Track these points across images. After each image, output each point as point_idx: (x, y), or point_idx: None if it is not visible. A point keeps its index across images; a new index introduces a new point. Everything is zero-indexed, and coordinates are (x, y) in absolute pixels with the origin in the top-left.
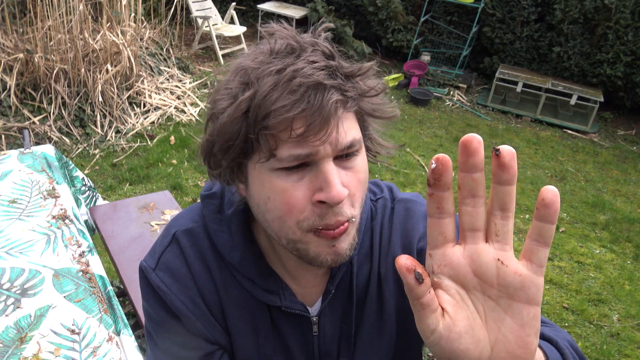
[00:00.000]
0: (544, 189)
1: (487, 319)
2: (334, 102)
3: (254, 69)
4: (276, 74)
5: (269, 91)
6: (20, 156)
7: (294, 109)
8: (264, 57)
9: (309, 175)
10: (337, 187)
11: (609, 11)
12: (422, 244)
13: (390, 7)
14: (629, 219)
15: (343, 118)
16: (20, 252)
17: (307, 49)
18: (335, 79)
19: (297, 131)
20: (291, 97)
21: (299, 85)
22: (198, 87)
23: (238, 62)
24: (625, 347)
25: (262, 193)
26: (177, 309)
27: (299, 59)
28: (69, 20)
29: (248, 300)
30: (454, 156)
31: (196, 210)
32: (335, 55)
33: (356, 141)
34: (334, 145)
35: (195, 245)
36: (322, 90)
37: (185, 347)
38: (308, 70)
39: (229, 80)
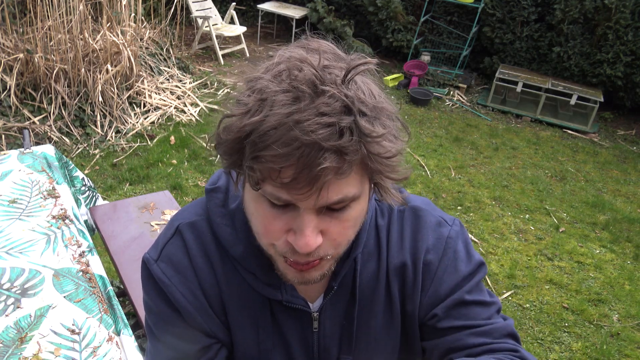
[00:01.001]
0: None
1: None
2: (323, 169)
3: (271, 94)
4: (281, 116)
5: (267, 131)
6: (20, 156)
7: (281, 162)
8: (283, 85)
9: (290, 215)
10: (307, 239)
11: (609, 11)
12: (429, 257)
13: (390, 7)
14: (629, 219)
15: (335, 180)
16: (21, 252)
17: (324, 95)
18: (338, 139)
19: (283, 180)
20: (281, 150)
21: (294, 139)
22: (198, 87)
23: (261, 77)
24: (625, 347)
25: (249, 206)
26: (177, 301)
27: (310, 106)
28: (69, 20)
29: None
30: (454, 156)
31: (200, 204)
32: (353, 110)
33: (347, 198)
34: (316, 201)
35: (198, 238)
36: (316, 150)
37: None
38: (310, 125)
39: (248, 92)
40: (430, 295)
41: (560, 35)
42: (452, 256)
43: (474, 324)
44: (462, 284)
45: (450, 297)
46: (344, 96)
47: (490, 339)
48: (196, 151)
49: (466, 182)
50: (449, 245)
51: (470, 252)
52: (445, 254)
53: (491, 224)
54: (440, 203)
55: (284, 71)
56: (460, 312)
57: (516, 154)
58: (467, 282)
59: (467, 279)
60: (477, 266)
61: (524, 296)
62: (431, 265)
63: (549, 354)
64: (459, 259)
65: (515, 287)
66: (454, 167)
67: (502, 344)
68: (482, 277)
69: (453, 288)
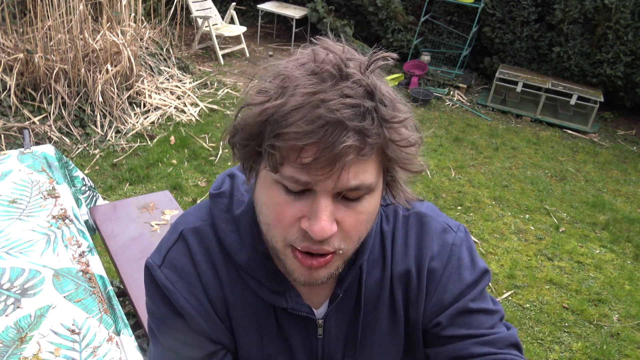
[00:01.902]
0: None
1: None
2: (347, 147)
3: (294, 78)
4: (305, 95)
5: (290, 111)
6: (20, 156)
7: (304, 139)
8: (307, 70)
9: (306, 201)
10: (322, 224)
11: (609, 11)
12: (434, 264)
13: (390, 7)
14: (629, 219)
15: (356, 162)
16: (20, 252)
17: (348, 79)
18: (361, 121)
19: (304, 159)
20: (305, 127)
21: (318, 117)
22: (198, 87)
23: (285, 65)
24: (625, 347)
25: (261, 197)
26: (181, 307)
27: (335, 87)
28: (69, 20)
29: (254, 300)
30: (454, 156)
31: (204, 208)
32: (375, 94)
33: (364, 186)
34: (336, 184)
35: (202, 243)
36: (340, 129)
37: (188, 345)
38: (336, 104)
39: (270, 78)
40: (434, 303)
41: (560, 35)
42: (457, 264)
43: (478, 333)
44: (466, 292)
45: (454, 305)
46: (367, 83)
47: (494, 348)
48: (196, 151)
49: (466, 182)
50: (453, 252)
51: (474, 259)
52: (450, 262)
53: (491, 224)
54: (440, 203)
55: (308, 59)
56: (464, 321)
57: (516, 154)
58: (471, 290)
59: (471, 287)
60: (481, 274)
61: (524, 296)
62: (435, 272)
63: (549, 354)
64: (463, 266)
65: (515, 287)
66: (454, 167)
67: (505, 355)
68: (486, 284)
69: (457, 296)
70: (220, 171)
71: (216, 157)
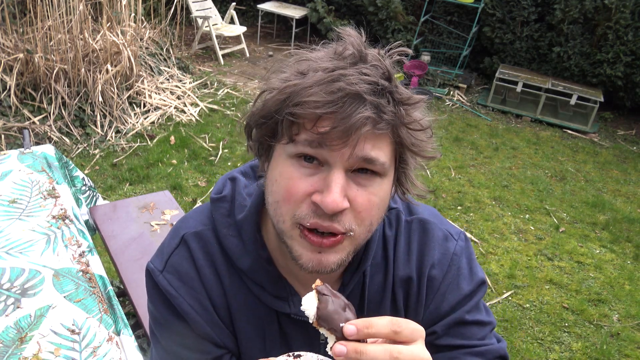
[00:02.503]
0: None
1: None
2: (364, 117)
3: (312, 62)
4: (325, 71)
5: (311, 83)
6: (20, 156)
7: (323, 108)
8: (326, 55)
9: (319, 175)
10: (334, 196)
11: (609, 11)
12: (434, 272)
13: (390, 7)
14: (629, 219)
15: (371, 136)
16: (20, 252)
17: (367, 61)
18: (378, 97)
19: (320, 129)
20: (326, 97)
21: (338, 89)
22: (198, 87)
23: (303, 52)
24: (625, 347)
25: (274, 174)
26: (185, 312)
27: (354, 66)
28: (69, 20)
29: (256, 305)
30: (454, 156)
31: (205, 212)
32: (392, 77)
33: (378, 162)
34: (349, 155)
35: (204, 248)
36: (358, 101)
37: (193, 349)
38: (354, 79)
39: (288, 66)
40: (431, 311)
41: (560, 35)
42: (456, 273)
43: (470, 343)
44: (463, 302)
45: (451, 315)
46: (385, 66)
47: (484, 359)
48: (196, 151)
49: (466, 182)
50: (453, 261)
51: (473, 269)
52: (449, 271)
53: (491, 224)
54: (440, 203)
55: (331, 45)
56: (459, 332)
57: (516, 154)
58: (468, 301)
59: (468, 298)
60: (478, 285)
61: (524, 296)
62: (435, 281)
63: (549, 354)
64: (461, 276)
65: (515, 287)
66: (454, 167)
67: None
68: (482, 295)
69: (454, 306)
70: (221, 171)
71: (216, 157)
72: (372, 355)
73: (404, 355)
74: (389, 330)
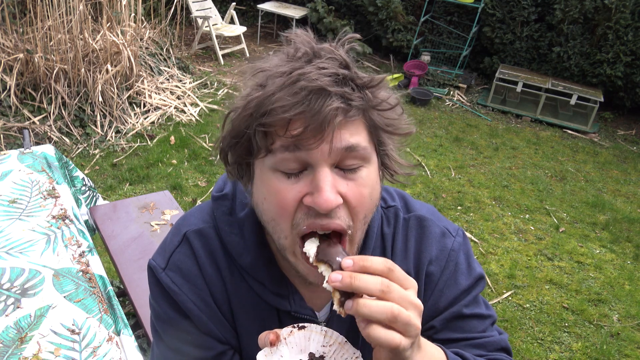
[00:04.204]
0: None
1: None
2: (334, 109)
3: (268, 71)
4: (283, 75)
5: (273, 90)
6: (20, 156)
7: (291, 110)
8: (280, 60)
9: (304, 179)
10: (327, 194)
11: (609, 11)
12: (432, 268)
13: (390, 7)
14: (629, 219)
15: (345, 125)
16: (20, 252)
17: (321, 56)
18: (341, 87)
19: (293, 132)
20: (291, 99)
21: (301, 88)
22: (198, 87)
23: (257, 64)
24: (625, 347)
25: (260, 192)
26: (188, 310)
27: (310, 64)
28: (69, 20)
29: (257, 302)
30: (454, 156)
31: (206, 210)
32: (350, 65)
33: (360, 147)
34: (330, 149)
35: (206, 246)
36: (323, 95)
37: (196, 346)
38: (314, 75)
39: (246, 82)
40: (429, 307)
41: (560, 35)
42: (453, 269)
43: (470, 336)
44: (461, 297)
45: (449, 310)
46: (340, 56)
47: (485, 351)
48: (196, 151)
49: (466, 182)
50: (451, 257)
51: (471, 264)
52: (447, 267)
53: (491, 224)
54: (440, 203)
55: (281, 51)
56: (457, 325)
57: (516, 154)
58: (466, 295)
59: (466, 292)
60: (477, 280)
61: (524, 296)
62: (433, 277)
63: (549, 354)
64: (459, 271)
65: (515, 287)
66: (454, 167)
67: (495, 357)
68: (481, 290)
69: (452, 301)
70: (221, 171)
71: (216, 157)
72: (365, 281)
73: (394, 291)
74: (383, 266)
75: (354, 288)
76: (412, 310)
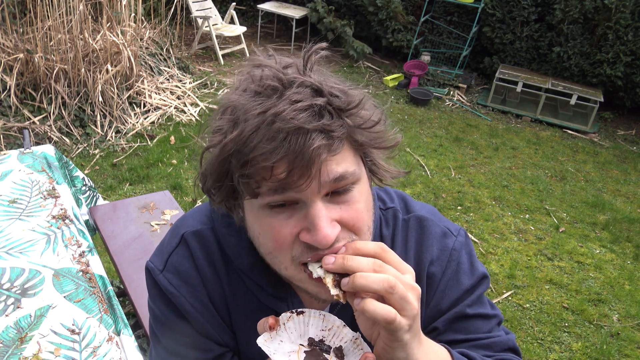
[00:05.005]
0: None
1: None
2: (316, 148)
3: (241, 106)
4: (258, 116)
5: (249, 136)
6: (20, 156)
7: (272, 157)
8: (250, 93)
9: (298, 214)
10: (324, 231)
11: (609, 11)
12: (433, 269)
13: (390, 7)
14: (629, 219)
15: (330, 158)
16: (20, 252)
17: (292, 85)
18: (320, 119)
19: (278, 176)
20: (269, 145)
21: (278, 131)
22: (198, 87)
23: (228, 98)
24: (625, 347)
25: (254, 227)
26: (186, 312)
27: (282, 98)
28: (69, 20)
29: (255, 304)
30: (454, 156)
31: (204, 211)
32: (323, 89)
33: (348, 174)
34: (320, 185)
35: (204, 247)
36: (303, 135)
37: (194, 348)
38: (289, 114)
39: (220, 115)
40: (432, 308)
41: (560, 35)
42: (455, 268)
43: (474, 337)
44: (464, 297)
45: (451, 310)
46: (311, 82)
47: (491, 352)
48: (196, 151)
49: (466, 182)
50: (452, 257)
51: (473, 264)
52: (449, 267)
53: (491, 224)
54: (440, 203)
55: (247, 83)
56: (461, 326)
57: (516, 154)
58: (469, 295)
59: (468, 292)
60: (480, 279)
61: (524, 296)
62: (434, 277)
63: (549, 354)
64: (461, 271)
65: (515, 287)
66: (454, 167)
67: (502, 357)
68: (485, 289)
69: (454, 302)
70: None
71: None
72: (357, 260)
73: (388, 269)
74: (376, 247)
75: (347, 268)
76: (410, 291)
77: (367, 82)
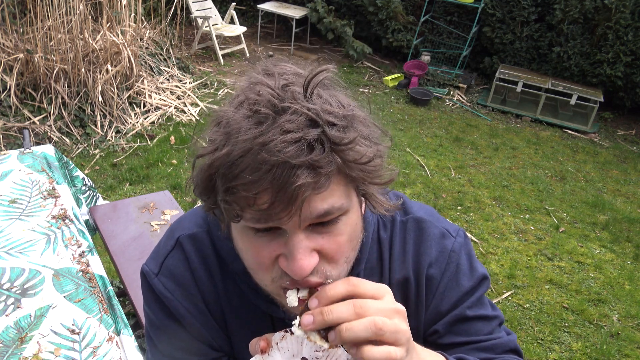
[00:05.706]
0: None
1: None
2: (300, 186)
3: (235, 123)
4: (246, 142)
5: (234, 161)
6: (20, 156)
7: (255, 188)
8: (245, 111)
9: (279, 240)
10: (299, 263)
11: (609, 11)
12: (432, 271)
13: (390, 7)
14: (629, 219)
15: (314, 194)
16: (20, 252)
17: (286, 111)
18: (308, 154)
19: (261, 206)
20: (252, 177)
21: (263, 162)
22: (198, 87)
23: (225, 110)
24: (625, 347)
25: (238, 242)
26: (180, 315)
27: (273, 126)
28: (69, 20)
29: (250, 309)
30: (454, 156)
31: (200, 214)
32: (319, 121)
33: (334, 209)
34: (301, 221)
35: (199, 251)
36: (288, 169)
37: (190, 352)
38: (277, 145)
39: (215, 126)
40: (431, 311)
41: (560, 35)
42: (455, 270)
43: (475, 339)
44: (464, 299)
45: (451, 313)
46: (307, 110)
47: (493, 354)
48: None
49: (466, 182)
50: (451, 259)
51: (473, 265)
52: (448, 269)
53: (491, 224)
54: (440, 203)
55: (243, 99)
56: (462, 328)
57: (516, 154)
58: (469, 297)
59: (468, 294)
60: (480, 280)
61: (524, 296)
62: (433, 280)
63: (549, 354)
64: (461, 273)
65: (515, 287)
66: (454, 167)
67: (504, 358)
68: (485, 290)
69: (454, 304)
70: None
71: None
72: (336, 310)
73: (369, 307)
74: (346, 286)
75: (328, 322)
76: (396, 316)
77: (367, 82)
